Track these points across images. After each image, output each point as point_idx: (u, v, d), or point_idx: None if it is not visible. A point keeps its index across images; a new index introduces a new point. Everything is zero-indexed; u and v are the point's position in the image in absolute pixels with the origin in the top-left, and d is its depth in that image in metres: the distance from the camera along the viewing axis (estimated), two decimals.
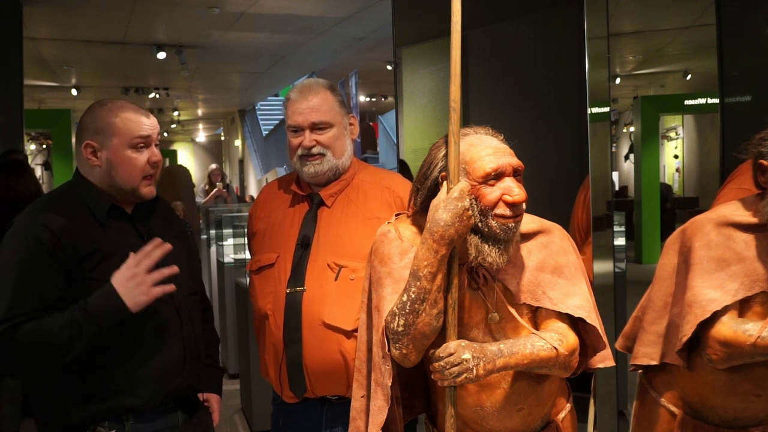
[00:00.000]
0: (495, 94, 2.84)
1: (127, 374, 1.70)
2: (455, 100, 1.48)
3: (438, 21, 2.15)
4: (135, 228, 1.80)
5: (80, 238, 1.67)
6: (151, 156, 1.78)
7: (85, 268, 1.66)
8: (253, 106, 16.50)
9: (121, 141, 1.74)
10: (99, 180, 1.77)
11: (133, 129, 1.75)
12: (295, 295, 1.93)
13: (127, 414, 1.70)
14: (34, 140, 12.12)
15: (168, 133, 20.21)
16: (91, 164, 1.76)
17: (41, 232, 1.63)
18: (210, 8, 6.99)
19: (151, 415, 1.74)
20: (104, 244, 1.70)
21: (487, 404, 1.57)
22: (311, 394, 1.95)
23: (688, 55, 9.68)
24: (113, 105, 1.78)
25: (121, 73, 10.70)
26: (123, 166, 1.75)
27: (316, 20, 7.64)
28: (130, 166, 1.76)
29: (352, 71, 10.88)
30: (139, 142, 1.76)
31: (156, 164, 1.80)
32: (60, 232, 1.64)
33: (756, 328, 1.53)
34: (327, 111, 1.98)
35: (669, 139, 15.10)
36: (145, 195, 1.80)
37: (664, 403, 1.80)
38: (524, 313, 1.58)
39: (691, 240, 1.69)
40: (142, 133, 1.76)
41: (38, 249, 1.62)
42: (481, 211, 1.48)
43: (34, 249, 1.62)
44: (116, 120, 1.75)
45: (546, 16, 2.61)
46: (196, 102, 15.30)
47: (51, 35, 7.99)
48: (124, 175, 1.76)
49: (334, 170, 2.00)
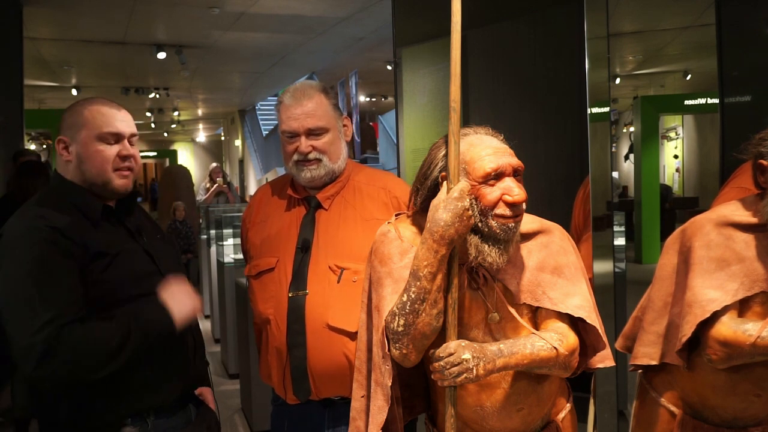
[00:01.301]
0: (495, 94, 2.84)
1: (149, 371, 1.69)
2: (455, 100, 1.48)
3: (438, 21, 2.15)
4: (123, 225, 1.78)
5: (86, 237, 1.64)
6: (122, 149, 1.73)
7: (95, 270, 1.63)
8: (253, 106, 16.51)
9: (90, 133, 1.69)
10: (72, 176, 1.73)
11: (102, 122, 1.71)
12: (297, 299, 1.92)
13: (149, 411, 1.71)
14: (34, 140, 12.13)
15: (168, 133, 20.22)
16: (64, 159, 1.72)
17: (52, 234, 1.59)
18: (210, 8, 6.99)
19: (169, 411, 1.75)
20: (104, 244, 1.68)
21: (487, 404, 1.57)
22: (315, 396, 1.95)
23: (688, 55, 9.68)
24: (88, 101, 1.75)
25: (121, 73, 10.71)
26: (91, 159, 1.70)
27: (316, 20, 7.65)
28: (97, 159, 1.70)
29: (352, 71, 10.88)
30: (108, 136, 1.71)
31: (127, 158, 1.74)
32: (71, 233, 1.61)
33: (756, 328, 1.53)
34: (322, 116, 1.97)
35: (669, 139, 15.11)
36: (118, 188, 1.74)
37: (664, 403, 1.80)
38: (524, 313, 1.58)
39: (691, 240, 1.69)
40: (111, 129, 1.71)
41: (54, 250, 1.57)
42: (481, 211, 1.48)
43: (49, 250, 1.57)
44: (86, 113, 1.71)
45: (546, 16, 2.61)
46: (196, 102, 15.31)
47: (51, 35, 7.99)
48: (92, 169, 1.70)
49: (331, 174, 2.00)
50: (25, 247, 1.58)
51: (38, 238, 1.58)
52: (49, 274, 1.55)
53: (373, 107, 15.52)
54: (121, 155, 1.72)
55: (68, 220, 1.64)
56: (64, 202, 1.69)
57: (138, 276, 1.71)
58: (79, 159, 1.71)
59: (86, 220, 1.68)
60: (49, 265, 1.56)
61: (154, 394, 1.70)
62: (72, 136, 1.71)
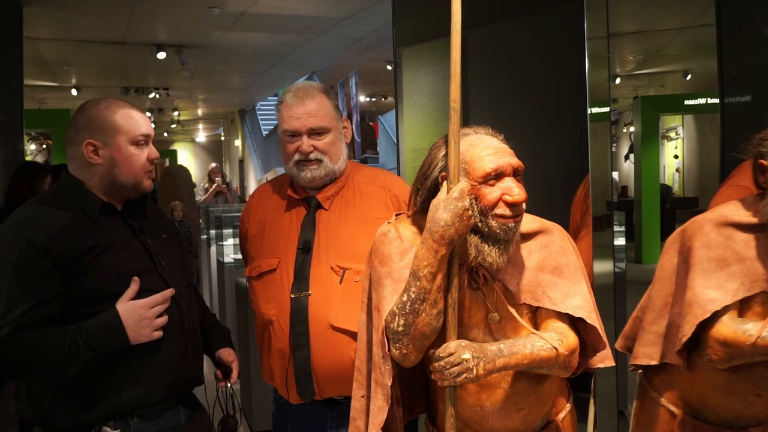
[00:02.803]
0: (495, 94, 2.83)
1: (129, 368, 1.71)
2: (455, 100, 1.48)
3: (438, 21, 2.15)
4: (126, 223, 1.81)
5: (75, 236, 1.68)
6: (150, 153, 1.83)
7: (81, 264, 1.67)
8: (253, 106, 16.50)
9: (126, 138, 1.78)
10: (98, 178, 1.78)
11: (135, 127, 1.79)
12: (300, 300, 1.92)
13: (132, 412, 1.71)
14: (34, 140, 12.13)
15: (168, 133, 20.21)
16: (92, 162, 1.77)
17: (34, 233, 1.64)
18: (210, 8, 6.99)
19: (155, 413, 1.74)
20: (99, 238, 1.72)
21: (487, 404, 1.57)
22: (318, 396, 1.95)
23: (688, 55, 9.68)
24: (109, 103, 1.80)
25: (121, 73, 10.70)
26: (126, 163, 1.78)
27: (316, 20, 7.64)
28: (133, 163, 1.79)
29: (352, 71, 10.87)
30: (141, 139, 1.80)
31: (154, 161, 1.85)
32: (54, 231, 1.66)
33: (756, 328, 1.53)
34: (324, 116, 1.98)
35: (669, 139, 15.11)
36: (146, 188, 1.85)
37: (664, 403, 1.80)
38: (524, 313, 1.58)
39: (691, 240, 1.69)
40: (143, 131, 1.80)
41: (30, 250, 1.63)
42: (481, 211, 1.48)
43: (25, 250, 1.63)
44: (117, 118, 1.78)
45: (546, 16, 2.61)
46: (196, 102, 15.30)
47: (51, 35, 7.99)
48: (127, 172, 1.79)
49: (331, 175, 2.01)
50: (4, 247, 1.65)
51: (18, 240, 1.64)
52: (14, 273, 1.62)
53: (373, 107, 15.51)
54: (150, 159, 1.82)
55: (63, 218, 1.69)
56: (66, 200, 1.75)
57: (132, 271, 1.72)
58: (113, 162, 1.77)
59: (86, 217, 1.74)
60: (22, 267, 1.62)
61: (133, 388, 1.70)
62: (105, 141, 1.77)
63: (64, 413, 1.68)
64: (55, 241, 1.65)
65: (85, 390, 1.68)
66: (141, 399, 1.71)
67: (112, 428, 1.69)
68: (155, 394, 1.73)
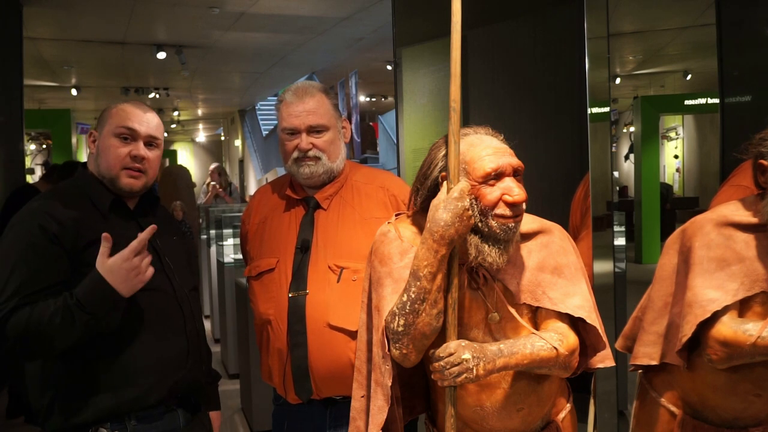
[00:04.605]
0: (495, 94, 2.83)
1: (128, 368, 1.69)
2: (455, 100, 1.48)
3: (438, 21, 2.15)
4: (137, 222, 1.81)
5: (84, 228, 1.69)
6: (133, 149, 1.78)
7: (86, 256, 1.66)
8: (253, 106, 16.49)
9: (109, 128, 1.78)
10: (93, 168, 1.81)
11: (120, 119, 1.78)
12: (298, 299, 1.93)
13: (129, 413, 1.70)
14: (34, 140, 12.12)
15: (168, 133, 20.20)
16: (91, 152, 1.81)
17: (46, 220, 1.65)
18: (210, 8, 6.98)
19: (153, 415, 1.73)
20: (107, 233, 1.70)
21: (487, 404, 1.57)
22: (317, 396, 1.95)
23: (688, 55, 9.68)
24: (124, 100, 1.85)
25: (121, 73, 10.70)
26: (104, 154, 1.78)
27: (316, 20, 7.64)
28: (109, 154, 1.77)
29: (352, 71, 10.87)
30: (124, 132, 1.77)
31: (137, 158, 1.78)
32: (65, 219, 1.66)
33: (756, 328, 1.53)
34: (323, 114, 1.99)
35: (669, 139, 15.11)
36: (124, 186, 1.78)
37: (664, 403, 1.80)
38: (524, 313, 1.58)
39: (691, 240, 1.69)
40: (127, 125, 1.77)
41: (41, 235, 1.63)
42: (481, 211, 1.48)
43: (38, 235, 1.63)
44: (113, 110, 1.80)
45: (546, 16, 2.61)
46: (196, 102, 15.30)
47: (51, 35, 7.98)
48: (104, 163, 1.78)
49: (329, 173, 2.01)
50: (17, 232, 1.66)
51: (31, 225, 1.65)
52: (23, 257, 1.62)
53: (373, 107, 15.50)
54: (132, 155, 1.77)
55: (73, 210, 1.69)
56: (78, 192, 1.77)
57: None
58: (98, 152, 1.79)
59: (96, 211, 1.75)
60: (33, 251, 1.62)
61: (131, 387, 1.68)
62: (99, 131, 1.80)
63: (61, 413, 1.67)
64: (65, 229, 1.65)
65: (81, 389, 1.67)
66: (139, 400, 1.70)
67: (109, 429, 1.68)
68: (154, 395, 1.72)
